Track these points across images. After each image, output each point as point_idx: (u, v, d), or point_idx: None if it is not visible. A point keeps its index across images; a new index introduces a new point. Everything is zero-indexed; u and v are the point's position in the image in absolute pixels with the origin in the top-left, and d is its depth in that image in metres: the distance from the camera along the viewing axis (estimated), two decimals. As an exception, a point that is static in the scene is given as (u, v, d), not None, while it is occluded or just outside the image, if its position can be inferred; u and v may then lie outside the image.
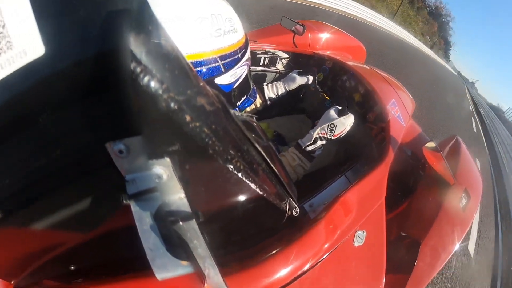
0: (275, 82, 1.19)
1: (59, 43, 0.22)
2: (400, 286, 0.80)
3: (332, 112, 0.94)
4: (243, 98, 0.73)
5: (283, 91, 1.18)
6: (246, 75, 0.68)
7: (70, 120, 0.24)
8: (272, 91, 1.17)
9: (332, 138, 0.90)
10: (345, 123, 0.91)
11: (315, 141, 0.89)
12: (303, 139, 0.92)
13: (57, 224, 0.34)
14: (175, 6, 0.46)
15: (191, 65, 0.25)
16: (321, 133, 0.89)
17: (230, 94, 0.65)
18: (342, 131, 0.91)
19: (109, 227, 0.36)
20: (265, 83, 1.19)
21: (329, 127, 0.90)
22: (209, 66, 0.52)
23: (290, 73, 1.20)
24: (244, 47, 0.62)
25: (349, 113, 0.93)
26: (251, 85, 0.77)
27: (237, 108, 0.74)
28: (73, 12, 0.21)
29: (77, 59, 0.22)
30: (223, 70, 0.56)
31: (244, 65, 0.63)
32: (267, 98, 1.16)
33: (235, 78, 0.62)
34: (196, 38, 0.49)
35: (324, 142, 0.90)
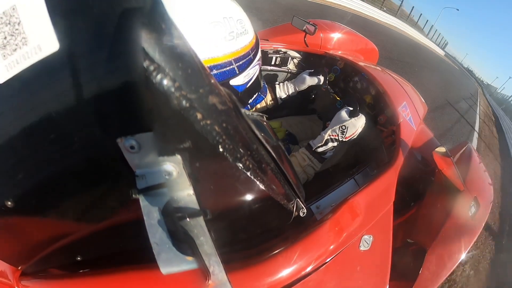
0: (286, 82, 1.19)
1: (73, 39, 0.22)
2: None
3: (344, 113, 0.93)
4: (254, 96, 0.74)
5: (294, 91, 1.18)
6: (258, 74, 0.68)
7: (82, 115, 0.25)
8: (283, 90, 1.17)
9: (344, 140, 0.89)
10: (357, 125, 0.90)
11: (326, 143, 0.89)
12: (315, 140, 0.91)
13: (65, 215, 0.35)
14: (188, 11, 0.46)
15: (203, 63, 0.25)
16: (332, 135, 0.89)
17: (243, 94, 0.65)
18: (353, 133, 0.90)
19: (117, 220, 0.37)
20: (276, 83, 1.20)
21: (341, 129, 0.89)
22: (224, 69, 0.52)
23: (301, 74, 1.20)
24: (256, 47, 0.62)
25: (361, 114, 0.92)
26: (262, 83, 0.78)
27: (248, 106, 0.74)
28: (87, 10, 0.22)
29: (91, 55, 0.22)
30: (237, 72, 0.56)
31: (256, 65, 0.64)
32: (278, 97, 1.17)
33: (248, 79, 0.62)
34: (211, 43, 0.49)
35: (335, 144, 0.89)
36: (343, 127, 0.89)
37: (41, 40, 0.22)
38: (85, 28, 0.22)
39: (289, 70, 1.42)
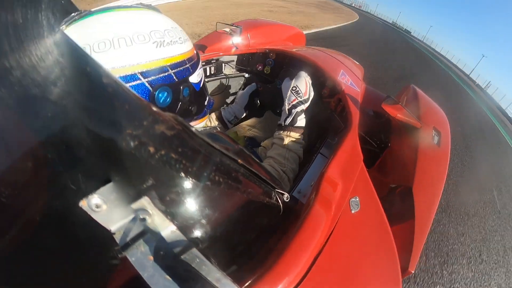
0: (230, 105, 1.29)
1: None
2: (409, 233, 0.84)
3: (286, 82, 0.98)
4: (207, 98, 0.81)
5: (239, 110, 1.27)
6: (204, 78, 0.78)
7: (35, 193, 0.23)
8: (229, 112, 1.26)
9: (304, 98, 0.92)
10: (302, 77, 0.94)
11: (290, 112, 0.91)
12: (281, 119, 0.94)
13: None
14: (148, 24, 0.56)
15: (138, 94, 0.24)
16: (292, 101, 0.91)
17: (202, 92, 0.75)
18: (307, 87, 0.93)
19: (115, 285, 0.35)
20: (222, 107, 1.28)
21: (293, 91, 0.92)
22: (182, 67, 0.63)
23: (237, 94, 1.32)
24: (197, 53, 0.73)
25: (298, 72, 0.97)
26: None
27: (206, 110, 0.79)
28: (9, 84, 0.20)
29: (22, 117, 0.21)
30: (191, 70, 0.67)
31: (201, 67, 0.75)
32: (225, 119, 1.25)
33: (200, 78, 0.72)
34: (170, 43, 0.60)
35: (299, 108, 0.91)
36: (294, 88, 0.92)
37: None
38: (9, 97, 0.20)
39: (227, 76, 1.45)
